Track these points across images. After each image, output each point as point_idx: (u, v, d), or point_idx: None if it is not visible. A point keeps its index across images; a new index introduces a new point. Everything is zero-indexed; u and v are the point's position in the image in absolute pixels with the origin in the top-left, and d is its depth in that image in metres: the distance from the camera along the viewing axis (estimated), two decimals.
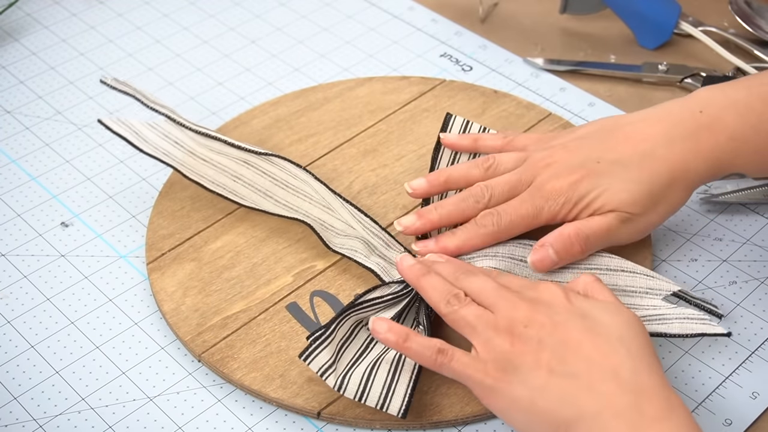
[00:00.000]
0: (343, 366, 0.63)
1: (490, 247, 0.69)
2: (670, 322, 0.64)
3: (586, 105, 0.86)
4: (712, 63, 0.89)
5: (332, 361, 0.62)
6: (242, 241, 0.74)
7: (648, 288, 0.66)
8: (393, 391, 0.62)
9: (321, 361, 0.62)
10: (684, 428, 0.54)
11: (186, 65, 0.92)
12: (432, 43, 0.93)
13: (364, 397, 0.61)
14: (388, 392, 0.62)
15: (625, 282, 0.67)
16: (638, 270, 0.67)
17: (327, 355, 0.62)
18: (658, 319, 0.65)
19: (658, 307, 0.65)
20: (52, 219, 0.77)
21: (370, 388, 0.62)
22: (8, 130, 0.85)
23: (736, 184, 0.77)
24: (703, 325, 0.64)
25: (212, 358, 0.66)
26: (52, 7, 0.99)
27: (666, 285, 0.66)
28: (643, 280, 0.67)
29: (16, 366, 0.67)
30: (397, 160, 0.80)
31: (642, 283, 0.66)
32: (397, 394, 0.62)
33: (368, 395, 0.62)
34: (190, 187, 0.78)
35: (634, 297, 0.66)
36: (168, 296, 0.70)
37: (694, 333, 0.64)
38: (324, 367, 0.62)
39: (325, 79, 0.90)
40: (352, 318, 0.64)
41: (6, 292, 0.72)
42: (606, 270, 0.67)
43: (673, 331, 0.64)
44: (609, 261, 0.68)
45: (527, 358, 0.58)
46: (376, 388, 0.62)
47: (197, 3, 0.99)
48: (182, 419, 0.64)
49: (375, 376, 0.62)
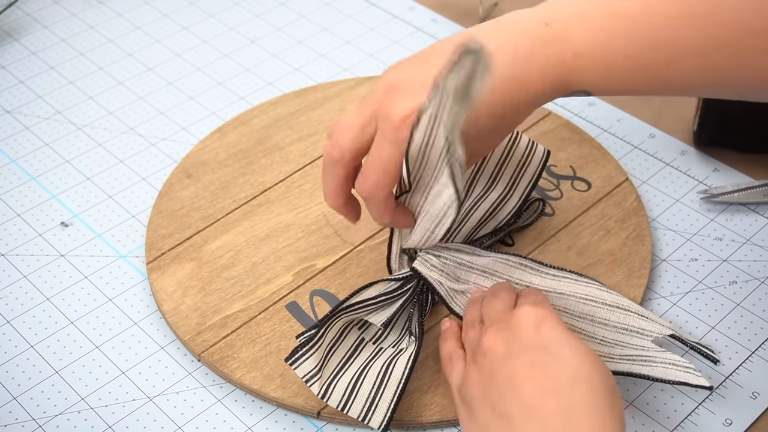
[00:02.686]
0: (328, 373, 0.62)
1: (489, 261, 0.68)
2: (655, 365, 0.62)
3: (586, 105, 0.86)
4: None
5: (318, 368, 0.61)
6: (242, 240, 0.74)
7: (640, 328, 0.64)
8: (376, 404, 0.61)
9: (307, 368, 0.61)
10: None
11: (186, 65, 0.92)
12: (432, 43, 0.93)
13: (347, 408, 0.61)
14: (371, 405, 0.61)
15: (617, 318, 0.65)
16: (633, 309, 0.65)
17: (314, 362, 0.61)
18: (643, 360, 0.63)
19: (647, 348, 0.64)
20: (52, 219, 0.77)
21: (354, 398, 0.61)
22: (8, 129, 0.85)
23: (736, 184, 0.77)
24: (687, 374, 0.62)
25: (212, 357, 0.66)
26: (52, 7, 0.99)
27: (659, 328, 0.64)
28: (636, 319, 0.65)
29: (15, 366, 0.67)
30: None
31: (635, 322, 0.65)
32: (380, 408, 0.61)
33: (351, 406, 0.61)
34: (190, 186, 0.78)
35: (624, 335, 0.64)
36: (168, 296, 0.70)
37: (677, 380, 0.62)
38: (310, 374, 0.61)
39: (324, 78, 0.90)
40: (342, 320, 0.63)
41: (6, 292, 0.72)
42: (601, 303, 0.66)
43: (656, 375, 0.62)
44: (606, 295, 0.66)
45: (479, 391, 0.56)
46: (360, 399, 0.61)
47: (197, 3, 0.99)
48: (182, 419, 0.64)
49: (360, 387, 0.62)
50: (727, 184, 0.77)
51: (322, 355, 0.62)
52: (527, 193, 0.70)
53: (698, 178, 0.79)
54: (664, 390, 0.65)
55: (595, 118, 0.85)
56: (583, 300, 0.66)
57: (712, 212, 0.76)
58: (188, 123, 0.85)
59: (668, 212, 0.77)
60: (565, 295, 0.66)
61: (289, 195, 0.77)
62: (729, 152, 0.81)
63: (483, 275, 0.67)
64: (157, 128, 0.85)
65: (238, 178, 0.78)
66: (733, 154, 0.81)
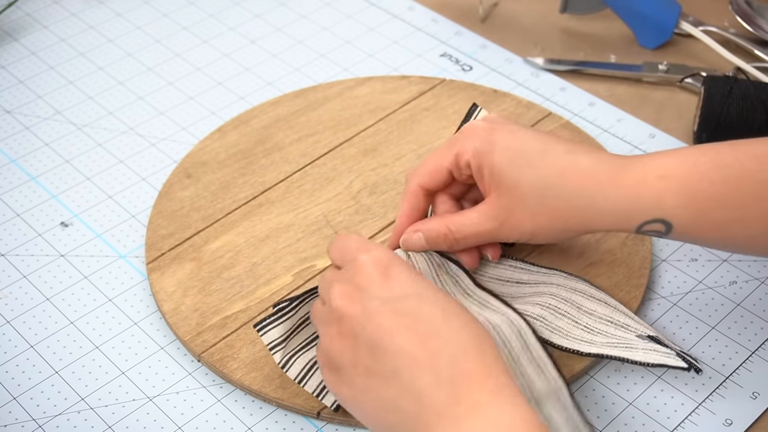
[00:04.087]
0: (293, 345, 0.63)
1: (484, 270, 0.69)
2: (635, 350, 0.63)
3: (586, 105, 0.86)
4: (712, 63, 0.89)
5: (283, 338, 0.62)
6: (242, 240, 0.74)
7: (625, 324, 0.65)
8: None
9: (273, 336, 0.62)
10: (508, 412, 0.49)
11: (186, 65, 0.92)
12: (432, 43, 0.93)
13: (304, 382, 0.62)
14: (325, 387, 0.62)
15: (604, 311, 0.66)
16: (620, 308, 0.66)
17: (280, 331, 0.62)
18: (624, 346, 0.63)
19: (629, 339, 0.64)
20: (52, 219, 0.77)
21: (312, 374, 0.63)
22: (8, 130, 0.85)
23: None
24: (667, 358, 0.62)
25: (212, 357, 0.66)
26: (52, 7, 0.99)
27: (643, 328, 0.65)
28: (622, 316, 0.65)
29: (15, 366, 0.67)
30: (397, 159, 0.80)
31: (620, 318, 0.65)
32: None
33: (308, 381, 0.63)
34: (190, 187, 0.78)
35: (609, 326, 0.65)
36: (168, 296, 0.70)
37: (656, 363, 0.62)
38: (274, 342, 0.62)
39: (325, 78, 0.90)
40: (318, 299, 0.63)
41: (5, 292, 0.72)
42: (589, 296, 0.66)
43: (636, 358, 0.62)
44: (595, 292, 0.67)
45: (346, 357, 0.54)
46: (318, 376, 0.63)
47: (197, 3, 0.99)
48: (182, 419, 0.64)
49: (317, 370, 0.63)
50: None
51: (291, 326, 0.62)
52: None
53: None
54: (664, 390, 0.65)
55: (595, 118, 0.85)
56: (572, 290, 0.67)
57: None
58: (188, 123, 0.85)
59: None
60: (555, 285, 0.67)
61: (289, 195, 0.77)
62: None
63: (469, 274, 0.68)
64: (157, 128, 0.85)
65: (238, 179, 0.78)
66: None
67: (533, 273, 0.69)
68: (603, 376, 0.66)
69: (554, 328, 0.64)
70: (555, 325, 0.65)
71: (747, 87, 0.79)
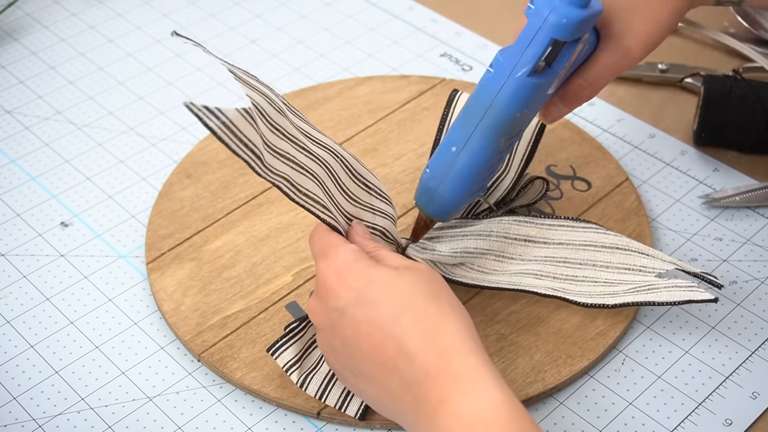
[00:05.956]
0: (309, 364, 0.63)
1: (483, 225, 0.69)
2: (658, 291, 0.65)
3: (586, 105, 0.86)
4: (712, 63, 0.89)
5: (298, 357, 0.63)
6: (242, 240, 0.74)
7: (642, 266, 0.67)
8: (350, 397, 0.63)
9: (287, 357, 0.63)
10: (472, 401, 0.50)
11: (186, 65, 0.92)
12: (432, 42, 0.93)
13: (324, 396, 0.63)
14: (348, 394, 0.63)
15: (619, 260, 0.67)
16: (633, 247, 0.67)
17: (294, 351, 0.63)
18: (647, 289, 0.65)
19: (648, 281, 0.66)
20: (52, 219, 0.77)
21: (332, 387, 0.63)
22: (8, 130, 0.85)
23: (737, 187, 0.77)
24: (691, 292, 0.64)
25: (212, 357, 0.66)
26: (52, 7, 0.99)
27: (660, 263, 0.67)
28: (637, 258, 0.67)
29: (15, 366, 0.67)
30: (396, 159, 0.80)
31: (636, 261, 0.67)
32: (355, 399, 0.63)
33: (329, 395, 0.63)
34: (189, 186, 0.78)
35: (627, 274, 0.66)
36: (168, 296, 0.70)
37: (681, 300, 0.64)
38: (289, 363, 0.63)
39: (324, 78, 0.90)
40: None
41: (6, 292, 0.72)
42: (601, 247, 0.68)
43: (661, 299, 0.64)
44: (604, 238, 0.68)
45: (336, 362, 0.58)
46: (338, 388, 0.63)
47: (197, 3, 0.99)
48: (182, 419, 0.64)
49: (336, 382, 0.63)
50: (727, 186, 0.77)
51: (303, 345, 0.63)
52: (523, 166, 0.71)
53: (698, 178, 0.79)
54: (664, 390, 0.65)
55: (595, 118, 0.85)
56: (582, 246, 0.68)
57: (712, 212, 0.76)
58: (188, 123, 0.85)
59: (668, 212, 0.77)
60: (564, 245, 0.68)
61: None
62: (729, 152, 0.81)
63: (479, 238, 0.68)
64: (157, 128, 0.85)
65: (238, 178, 0.78)
66: (733, 154, 0.81)
67: (539, 227, 0.69)
68: (603, 376, 0.66)
69: (577, 293, 0.66)
70: (577, 291, 0.66)
71: (746, 87, 0.79)
